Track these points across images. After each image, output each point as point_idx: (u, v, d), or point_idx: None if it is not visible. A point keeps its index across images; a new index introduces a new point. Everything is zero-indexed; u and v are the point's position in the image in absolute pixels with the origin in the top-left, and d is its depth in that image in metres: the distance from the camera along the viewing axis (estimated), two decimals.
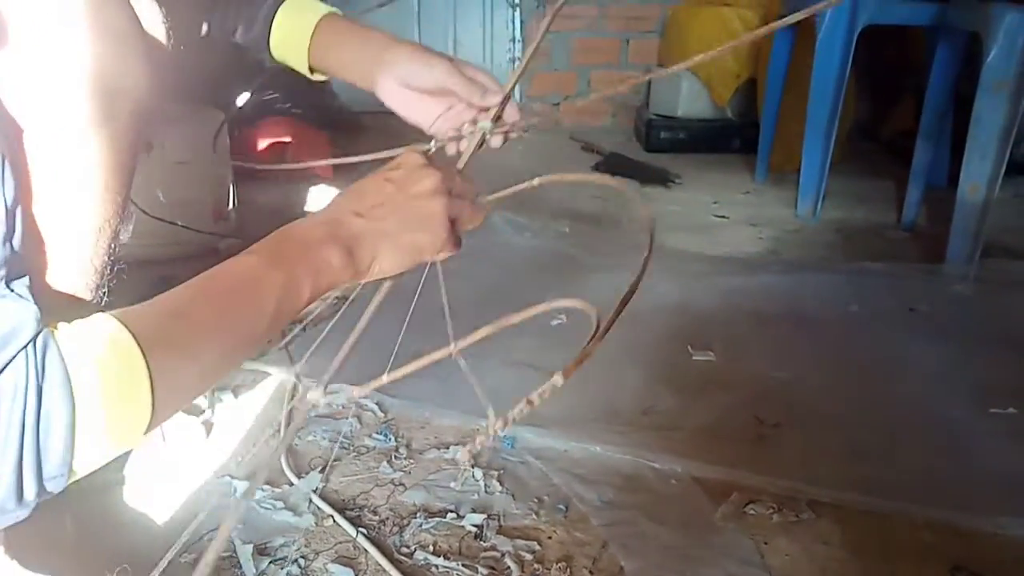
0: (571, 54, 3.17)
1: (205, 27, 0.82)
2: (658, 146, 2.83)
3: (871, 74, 2.79)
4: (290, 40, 0.81)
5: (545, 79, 3.20)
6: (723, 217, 2.12)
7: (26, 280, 0.44)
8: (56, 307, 0.52)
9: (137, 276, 0.95)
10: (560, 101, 3.24)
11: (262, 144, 2.27)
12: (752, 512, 0.94)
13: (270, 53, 0.83)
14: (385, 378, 0.60)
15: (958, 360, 1.30)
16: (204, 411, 1.11)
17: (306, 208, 2.13)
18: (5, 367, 0.39)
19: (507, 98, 0.76)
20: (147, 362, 0.44)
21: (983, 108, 1.53)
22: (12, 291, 0.43)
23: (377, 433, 1.09)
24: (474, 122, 0.75)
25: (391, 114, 0.81)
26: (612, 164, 2.61)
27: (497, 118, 0.75)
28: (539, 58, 3.18)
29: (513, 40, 3.20)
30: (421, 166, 0.62)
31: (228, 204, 1.85)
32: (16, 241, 0.46)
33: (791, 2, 2.21)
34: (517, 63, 3.20)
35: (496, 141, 0.76)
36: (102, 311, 0.45)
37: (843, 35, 1.89)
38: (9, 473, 0.40)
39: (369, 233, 0.59)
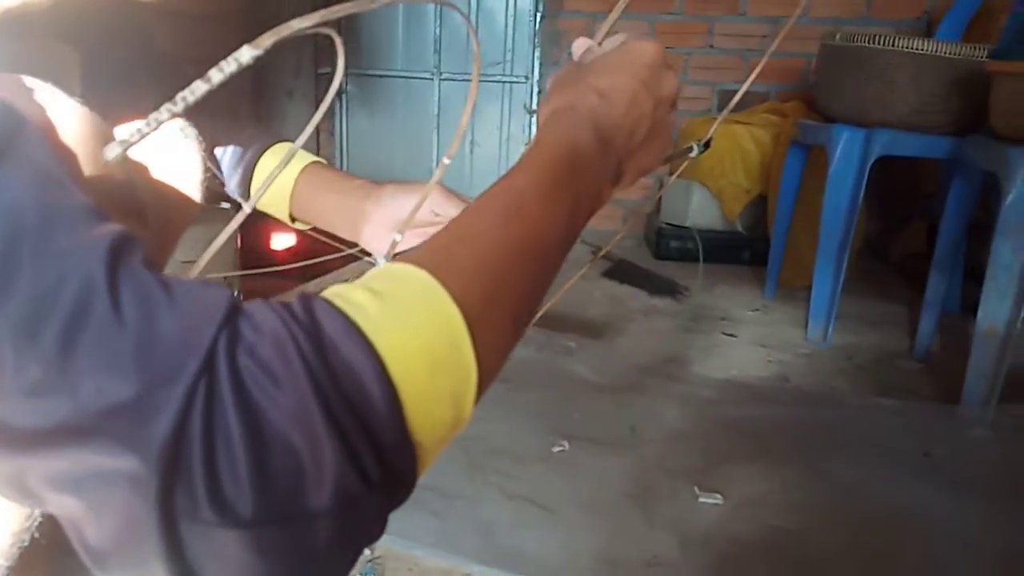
0: None
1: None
2: (667, 255, 2.82)
3: (882, 195, 2.80)
4: (272, 189, 0.77)
5: None
6: (732, 335, 2.08)
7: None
8: None
9: None
10: None
11: (274, 242, 2.26)
12: None
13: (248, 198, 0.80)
14: None
15: (979, 518, 1.23)
16: None
17: None
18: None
19: None
20: (451, 295, 0.36)
21: (1001, 250, 1.50)
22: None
23: (361, 574, 1.03)
24: None
25: None
26: (622, 272, 2.59)
27: None
28: None
29: (528, 144, 3.24)
30: (665, 65, 0.55)
31: None
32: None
33: (805, 128, 2.22)
34: None
35: None
36: None
37: (856, 165, 1.89)
38: (326, 441, 0.30)
39: (628, 143, 0.53)
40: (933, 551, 1.14)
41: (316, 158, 0.79)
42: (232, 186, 0.83)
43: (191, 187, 0.69)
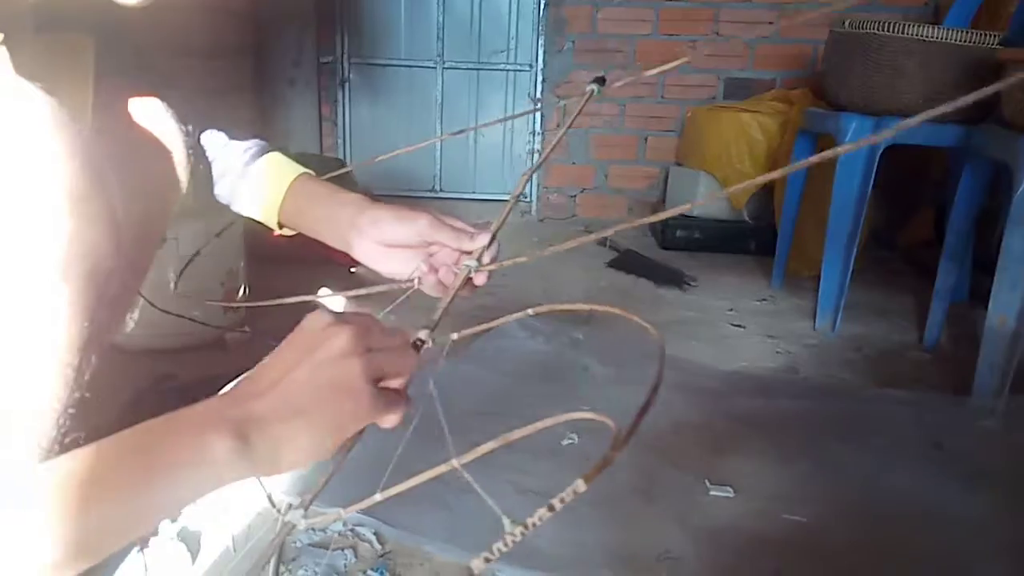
0: (590, 149, 3.18)
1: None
2: (674, 244, 2.81)
3: (889, 183, 2.79)
4: (260, 198, 0.81)
5: (564, 171, 3.22)
6: (739, 326, 2.07)
7: None
8: None
9: (139, 367, 0.92)
10: (577, 193, 3.25)
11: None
12: None
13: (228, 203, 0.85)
14: (378, 496, 0.53)
15: (991, 509, 1.23)
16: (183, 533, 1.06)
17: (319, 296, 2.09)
18: None
19: (495, 237, 0.75)
20: None
21: (1013, 240, 1.49)
22: None
23: (372, 570, 1.03)
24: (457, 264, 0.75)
25: (412, 197, 0.83)
26: (628, 262, 2.58)
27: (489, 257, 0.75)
28: (558, 151, 3.20)
29: (533, 133, 3.23)
30: (327, 326, 0.54)
31: (239, 294, 1.82)
32: None
33: (813, 117, 2.21)
34: (536, 156, 3.22)
35: (481, 279, 0.73)
36: None
37: (865, 155, 1.88)
38: None
39: (270, 415, 0.50)
40: (945, 543, 1.14)
41: (305, 170, 0.83)
42: (221, 189, 0.84)
43: (174, 170, 0.74)
